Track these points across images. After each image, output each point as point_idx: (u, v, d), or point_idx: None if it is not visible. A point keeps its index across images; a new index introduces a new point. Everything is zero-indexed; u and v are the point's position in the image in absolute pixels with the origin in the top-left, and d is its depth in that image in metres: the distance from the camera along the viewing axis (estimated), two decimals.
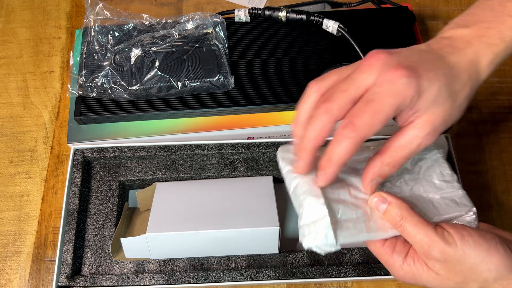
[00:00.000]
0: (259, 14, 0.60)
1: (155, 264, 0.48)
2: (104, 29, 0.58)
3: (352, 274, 0.48)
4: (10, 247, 0.54)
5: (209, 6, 0.71)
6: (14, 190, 0.58)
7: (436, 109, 0.34)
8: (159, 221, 0.47)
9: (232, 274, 0.47)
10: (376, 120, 0.33)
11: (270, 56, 0.58)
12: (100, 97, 0.54)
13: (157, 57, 0.54)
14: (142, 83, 0.53)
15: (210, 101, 0.55)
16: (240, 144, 0.53)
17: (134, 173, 0.53)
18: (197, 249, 0.48)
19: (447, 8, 0.71)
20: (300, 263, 0.48)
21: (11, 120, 0.62)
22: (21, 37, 0.68)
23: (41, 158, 0.60)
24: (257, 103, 0.55)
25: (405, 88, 0.33)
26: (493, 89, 0.64)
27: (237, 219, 0.47)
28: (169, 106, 0.54)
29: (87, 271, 0.49)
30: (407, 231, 0.36)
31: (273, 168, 0.53)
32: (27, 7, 0.71)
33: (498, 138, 0.61)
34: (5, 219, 0.56)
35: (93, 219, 0.51)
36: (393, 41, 0.59)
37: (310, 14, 0.58)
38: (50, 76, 0.65)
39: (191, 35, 0.57)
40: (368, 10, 0.62)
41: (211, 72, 0.54)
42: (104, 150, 0.53)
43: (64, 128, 0.61)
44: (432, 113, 0.34)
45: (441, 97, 0.34)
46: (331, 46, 0.58)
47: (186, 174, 0.53)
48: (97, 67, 0.55)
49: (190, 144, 0.53)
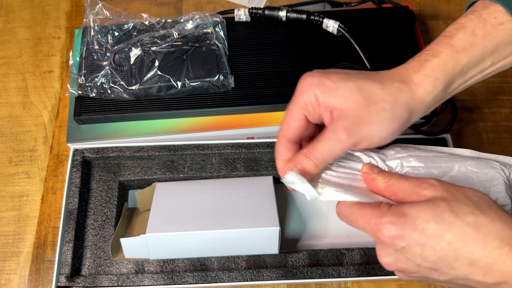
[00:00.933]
0: (259, 14, 0.60)
1: (155, 264, 0.48)
2: (104, 28, 0.57)
3: (352, 274, 0.47)
4: (9, 247, 0.54)
5: (209, 5, 0.71)
6: (14, 190, 0.57)
7: (345, 106, 0.37)
8: (158, 221, 0.47)
9: (232, 275, 0.47)
10: (287, 118, 0.39)
11: (270, 56, 0.58)
12: (100, 97, 0.54)
13: (157, 57, 0.54)
14: (141, 83, 0.53)
15: (210, 101, 0.54)
16: (240, 144, 0.53)
17: (133, 173, 0.53)
18: (197, 250, 0.48)
19: (448, 7, 0.70)
20: (300, 264, 0.48)
21: (10, 120, 0.62)
22: (21, 37, 0.68)
23: (41, 158, 0.59)
24: (257, 103, 0.55)
25: (306, 85, 0.38)
26: (493, 89, 0.64)
27: (237, 219, 0.47)
28: (169, 106, 0.54)
29: (86, 272, 0.49)
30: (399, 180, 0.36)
31: (273, 168, 0.53)
32: (26, 7, 0.71)
33: (499, 138, 0.61)
34: (4, 219, 0.56)
35: (92, 219, 0.51)
36: (393, 41, 0.59)
37: (310, 14, 0.58)
38: (49, 76, 0.65)
39: (191, 35, 0.56)
40: (368, 9, 0.62)
41: (211, 72, 0.54)
42: (103, 150, 0.53)
43: (63, 128, 0.61)
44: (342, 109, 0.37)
45: (351, 95, 0.37)
46: (331, 46, 0.58)
47: (186, 174, 0.53)
48: (97, 67, 0.55)
49: (190, 144, 0.53)
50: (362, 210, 0.35)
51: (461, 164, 0.40)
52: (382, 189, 0.37)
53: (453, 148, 0.43)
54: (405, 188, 0.35)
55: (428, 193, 0.34)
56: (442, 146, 0.44)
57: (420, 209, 0.33)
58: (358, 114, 0.36)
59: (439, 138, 0.55)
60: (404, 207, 0.33)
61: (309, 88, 0.38)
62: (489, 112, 0.62)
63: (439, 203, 0.33)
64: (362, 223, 0.35)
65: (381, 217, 0.34)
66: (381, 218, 0.34)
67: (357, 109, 0.36)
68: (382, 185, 0.37)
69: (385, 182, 0.37)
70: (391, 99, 0.37)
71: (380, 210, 0.34)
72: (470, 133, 0.61)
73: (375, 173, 0.38)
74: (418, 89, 0.37)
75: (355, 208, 0.36)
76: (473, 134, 0.61)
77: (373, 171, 0.38)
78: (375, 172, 0.38)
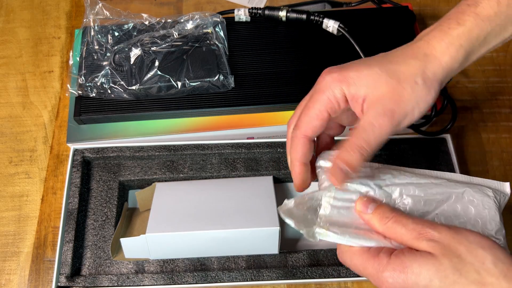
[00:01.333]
0: (259, 14, 0.60)
1: (155, 264, 0.48)
2: (104, 28, 0.57)
3: (352, 274, 0.47)
4: (9, 247, 0.54)
5: (209, 5, 0.71)
6: (14, 190, 0.57)
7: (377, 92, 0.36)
8: (158, 221, 0.47)
9: (232, 275, 0.47)
10: (309, 116, 0.38)
11: (270, 56, 0.58)
12: (100, 97, 0.54)
13: (157, 57, 0.54)
14: (141, 83, 0.53)
15: (210, 101, 0.54)
16: (240, 144, 0.53)
17: (133, 173, 0.53)
18: (197, 249, 0.48)
19: (448, 7, 0.70)
20: (300, 264, 0.48)
21: (10, 120, 0.62)
22: (21, 36, 0.68)
23: (41, 158, 0.59)
24: (257, 103, 0.55)
25: (330, 83, 0.37)
26: (493, 89, 0.64)
27: (237, 219, 0.47)
28: (169, 106, 0.54)
29: (86, 272, 0.49)
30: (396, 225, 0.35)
31: (273, 168, 0.53)
32: (26, 7, 0.71)
33: (499, 138, 0.61)
34: (4, 219, 0.56)
35: (92, 219, 0.51)
36: (393, 41, 0.58)
37: (310, 14, 0.58)
38: (49, 76, 0.65)
39: (191, 35, 0.56)
40: (368, 9, 0.62)
41: (211, 72, 0.54)
42: (103, 150, 0.53)
43: (63, 128, 0.61)
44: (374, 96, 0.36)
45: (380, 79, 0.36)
46: (331, 46, 0.58)
47: (186, 174, 0.53)
48: (97, 67, 0.55)
49: (190, 144, 0.53)
50: (363, 260, 0.35)
51: (458, 192, 0.40)
52: (380, 231, 0.37)
53: (446, 173, 0.43)
54: (402, 235, 0.35)
55: (427, 247, 0.33)
56: (433, 170, 0.44)
57: (422, 264, 0.32)
58: (393, 96, 0.36)
59: (439, 138, 0.55)
60: (405, 260, 0.33)
61: (333, 85, 0.37)
62: (489, 112, 0.62)
63: (441, 260, 0.32)
64: (365, 274, 0.35)
65: (382, 271, 0.34)
66: (383, 272, 0.34)
67: (391, 91, 0.36)
68: (379, 228, 0.36)
69: (382, 225, 0.36)
70: (421, 72, 0.37)
71: (380, 263, 0.34)
72: (470, 133, 0.61)
73: (369, 212, 0.37)
74: (444, 57, 0.37)
75: (356, 256, 0.36)
76: (473, 134, 0.61)
77: (367, 209, 0.37)
78: (370, 210, 0.37)
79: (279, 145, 0.53)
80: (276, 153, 0.54)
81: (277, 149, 0.53)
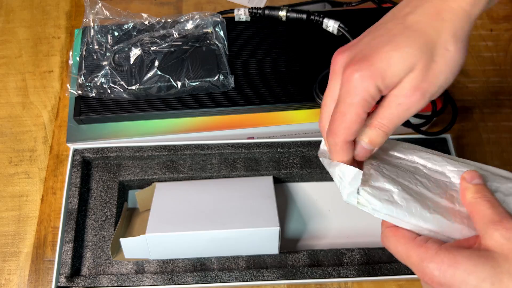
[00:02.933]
0: (259, 14, 0.60)
1: (155, 264, 0.48)
2: (104, 28, 0.57)
3: (352, 274, 0.47)
4: (9, 247, 0.54)
5: (209, 5, 0.71)
6: (13, 190, 0.57)
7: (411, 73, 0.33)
8: (158, 222, 0.47)
9: (232, 275, 0.47)
10: (347, 122, 0.35)
11: (270, 56, 0.58)
12: (100, 97, 0.54)
13: (157, 57, 0.54)
14: (141, 83, 0.53)
15: (210, 101, 0.54)
16: (240, 144, 0.53)
17: (133, 173, 0.53)
18: (197, 250, 0.48)
19: None
20: (300, 264, 0.48)
21: (10, 120, 0.62)
22: (21, 36, 0.68)
23: (41, 158, 0.59)
24: (257, 103, 0.54)
25: (361, 82, 0.34)
26: (493, 89, 0.64)
27: (237, 219, 0.47)
28: (168, 106, 0.54)
29: (86, 272, 0.49)
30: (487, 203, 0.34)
31: (273, 168, 0.53)
32: (26, 7, 0.71)
33: (499, 138, 0.61)
34: (4, 219, 0.56)
35: (92, 219, 0.51)
36: None
37: (310, 14, 0.58)
38: (49, 76, 0.65)
39: (190, 35, 0.56)
40: (368, 9, 0.62)
41: (211, 71, 0.54)
42: (103, 150, 0.53)
43: (63, 128, 0.61)
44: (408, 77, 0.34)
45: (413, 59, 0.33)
46: (331, 46, 0.58)
47: (186, 174, 0.53)
48: (97, 66, 0.55)
49: (189, 144, 0.53)
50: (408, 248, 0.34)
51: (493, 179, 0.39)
52: (465, 202, 0.35)
53: (466, 160, 0.42)
54: (485, 215, 0.33)
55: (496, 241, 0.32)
56: (442, 150, 0.43)
57: (477, 264, 0.31)
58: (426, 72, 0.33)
59: (439, 138, 0.55)
60: (457, 255, 0.31)
61: (366, 84, 0.34)
62: (489, 112, 0.62)
63: (500, 263, 0.31)
64: (408, 263, 0.34)
65: (429, 261, 0.32)
66: (429, 262, 0.32)
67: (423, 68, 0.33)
68: (470, 198, 0.35)
69: (475, 197, 0.35)
70: (451, 35, 0.33)
71: (427, 252, 0.32)
72: (470, 133, 0.61)
73: (472, 183, 0.36)
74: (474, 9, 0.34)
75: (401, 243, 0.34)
76: (473, 134, 0.61)
77: (472, 180, 0.36)
78: (474, 182, 0.36)
79: (279, 145, 0.53)
80: (276, 153, 0.54)
81: (277, 149, 0.53)
